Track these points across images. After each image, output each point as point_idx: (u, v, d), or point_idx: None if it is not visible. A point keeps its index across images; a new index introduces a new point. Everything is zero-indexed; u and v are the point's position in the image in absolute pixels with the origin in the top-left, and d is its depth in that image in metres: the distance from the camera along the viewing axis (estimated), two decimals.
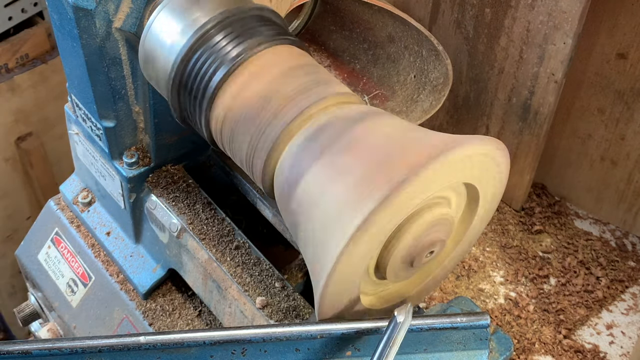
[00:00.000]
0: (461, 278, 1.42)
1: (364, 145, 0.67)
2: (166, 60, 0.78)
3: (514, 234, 1.50)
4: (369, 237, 0.64)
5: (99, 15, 0.81)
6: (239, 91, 0.75)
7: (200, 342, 0.64)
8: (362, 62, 1.27)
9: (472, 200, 0.75)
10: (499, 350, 0.74)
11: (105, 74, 0.87)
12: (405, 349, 0.67)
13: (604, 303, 1.39)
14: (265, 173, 0.74)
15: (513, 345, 0.77)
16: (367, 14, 1.25)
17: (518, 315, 1.35)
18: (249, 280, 0.86)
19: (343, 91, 0.75)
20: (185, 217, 0.93)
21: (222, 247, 0.90)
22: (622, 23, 1.30)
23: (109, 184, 1.01)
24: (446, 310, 0.80)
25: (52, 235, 1.14)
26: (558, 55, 1.27)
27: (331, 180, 0.66)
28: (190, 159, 1.00)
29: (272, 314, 0.83)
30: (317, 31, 1.31)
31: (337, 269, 0.63)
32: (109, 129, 0.92)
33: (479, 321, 0.67)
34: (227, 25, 0.76)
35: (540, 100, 1.35)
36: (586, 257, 1.46)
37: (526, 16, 1.28)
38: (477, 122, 1.50)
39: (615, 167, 1.47)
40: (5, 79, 1.60)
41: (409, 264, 0.71)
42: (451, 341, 0.68)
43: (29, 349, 0.67)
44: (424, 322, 0.66)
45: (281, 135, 0.72)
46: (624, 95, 1.38)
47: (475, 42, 1.40)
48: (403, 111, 1.24)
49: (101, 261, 1.07)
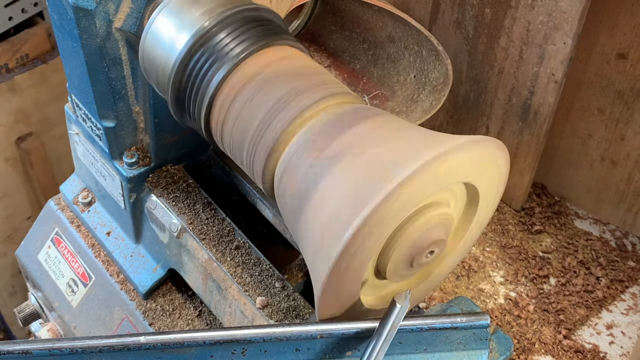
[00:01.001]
0: (461, 278, 1.42)
1: (364, 146, 0.67)
2: (166, 60, 0.78)
3: (514, 234, 1.50)
4: (369, 238, 0.64)
5: (99, 15, 0.81)
6: (238, 91, 0.75)
7: (201, 342, 0.64)
8: (362, 62, 1.27)
9: (472, 200, 0.75)
10: (499, 350, 0.74)
11: (105, 74, 0.87)
12: (405, 349, 0.67)
13: (604, 303, 1.39)
14: (265, 173, 0.74)
15: (513, 345, 0.77)
16: (367, 14, 1.25)
17: (518, 315, 1.36)
18: (249, 280, 0.86)
19: (343, 91, 0.75)
20: (185, 217, 0.93)
21: (222, 247, 0.90)
22: (622, 23, 1.30)
23: (109, 184, 1.01)
24: (446, 310, 0.80)
25: (52, 235, 1.14)
26: (558, 55, 1.27)
27: (331, 181, 0.67)
28: (190, 159, 1.00)
29: (272, 314, 0.83)
30: (317, 31, 1.31)
31: (337, 270, 0.63)
32: (109, 129, 0.92)
33: (479, 321, 0.67)
34: (227, 26, 0.76)
35: (540, 100, 1.35)
36: (586, 257, 1.46)
37: (526, 16, 1.28)
38: (477, 122, 1.50)
39: (615, 167, 1.47)
40: (6, 79, 1.60)
41: (409, 264, 0.71)
42: (451, 341, 0.68)
43: (29, 348, 0.68)
44: (424, 322, 0.66)
45: (281, 136, 0.72)
46: (624, 95, 1.38)
47: (475, 42, 1.40)
48: (403, 111, 1.24)
49: (101, 261, 1.07)
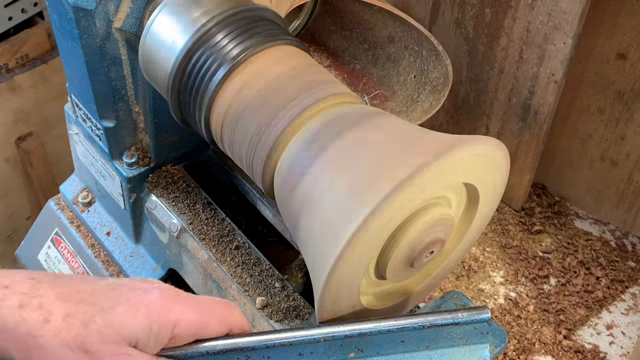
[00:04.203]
0: (461, 278, 1.42)
1: (364, 146, 0.67)
2: (166, 60, 0.78)
3: (514, 234, 1.50)
4: (369, 238, 0.64)
5: (99, 15, 0.81)
6: (238, 91, 0.75)
7: (203, 352, 0.64)
8: (362, 62, 1.28)
9: (472, 200, 0.75)
10: (494, 342, 0.74)
11: (105, 74, 0.87)
12: (407, 347, 0.67)
13: (604, 303, 1.39)
14: (265, 173, 0.74)
15: (507, 336, 0.77)
16: (367, 14, 1.25)
17: (518, 315, 1.36)
18: (249, 280, 0.86)
19: (343, 91, 0.75)
20: (185, 217, 0.93)
21: (222, 247, 0.90)
22: (622, 23, 1.30)
23: (109, 184, 1.01)
24: (440, 305, 0.80)
25: (52, 235, 1.14)
26: (558, 55, 1.27)
27: (331, 181, 0.67)
28: (190, 159, 1.00)
29: (272, 314, 0.83)
30: (317, 31, 1.31)
31: (336, 270, 0.63)
32: (109, 129, 0.92)
33: (479, 315, 0.67)
34: (227, 25, 0.76)
35: (540, 100, 1.35)
36: (586, 257, 1.46)
37: (526, 16, 1.28)
38: (477, 122, 1.50)
39: (615, 167, 1.47)
40: (6, 79, 1.60)
41: (409, 264, 0.71)
42: (453, 337, 0.68)
43: None
44: (425, 320, 0.66)
45: (281, 136, 0.72)
46: (624, 95, 1.38)
47: (475, 42, 1.40)
48: (403, 111, 1.24)
49: (101, 261, 1.07)
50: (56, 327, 0.58)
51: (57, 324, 0.58)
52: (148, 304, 0.61)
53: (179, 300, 0.63)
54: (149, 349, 0.61)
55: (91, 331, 0.58)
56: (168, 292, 0.63)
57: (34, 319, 0.58)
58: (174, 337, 0.62)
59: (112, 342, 0.59)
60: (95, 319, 0.59)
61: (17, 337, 0.58)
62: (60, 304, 0.59)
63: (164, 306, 0.61)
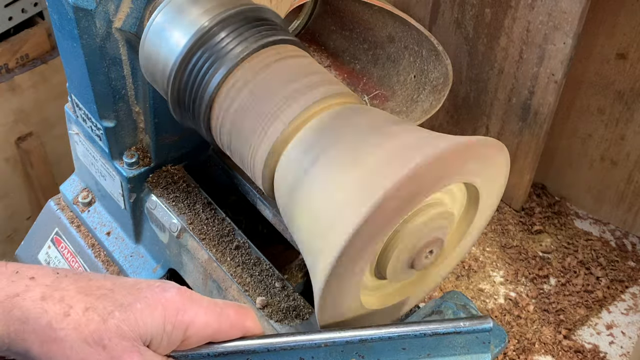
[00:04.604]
0: (461, 278, 1.42)
1: (364, 146, 0.67)
2: (166, 60, 0.78)
3: (514, 234, 1.50)
4: (368, 238, 0.64)
5: (99, 15, 0.81)
6: (239, 91, 0.75)
7: (204, 354, 0.64)
8: (362, 62, 1.28)
9: (472, 200, 0.75)
10: (494, 342, 0.74)
11: (105, 74, 0.87)
12: (409, 354, 0.67)
13: (604, 303, 1.39)
14: (265, 173, 0.74)
15: (507, 336, 0.77)
16: (367, 14, 1.25)
17: (518, 315, 1.36)
18: (249, 280, 0.86)
19: (343, 91, 0.75)
20: (185, 217, 0.93)
21: (222, 247, 0.90)
22: (622, 23, 1.30)
23: (109, 184, 1.01)
24: (440, 305, 0.80)
25: (52, 235, 1.14)
26: (558, 56, 1.27)
27: (330, 181, 0.67)
28: (190, 159, 1.00)
29: (272, 314, 0.83)
30: (317, 31, 1.31)
31: (336, 271, 0.63)
32: (109, 129, 0.92)
33: (482, 325, 0.67)
34: (227, 26, 0.76)
35: (540, 101, 1.35)
36: (586, 257, 1.46)
37: (526, 16, 1.28)
38: (477, 122, 1.50)
39: (615, 167, 1.47)
40: (6, 79, 1.60)
41: (409, 264, 0.71)
42: (454, 345, 0.67)
43: None
44: (427, 328, 0.66)
45: (281, 136, 0.72)
46: (624, 95, 1.38)
47: (475, 42, 1.40)
48: (403, 111, 1.24)
49: (101, 261, 1.07)
50: (76, 321, 0.58)
51: (77, 317, 0.59)
52: (165, 303, 0.61)
53: (194, 301, 0.63)
54: (161, 349, 0.61)
55: (110, 326, 0.59)
56: (185, 292, 0.63)
57: (55, 311, 0.59)
58: (186, 339, 0.62)
59: (129, 338, 0.59)
60: (115, 314, 0.59)
61: (37, 329, 0.58)
62: (81, 297, 0.60)
63: (181, 305, 0.61)
